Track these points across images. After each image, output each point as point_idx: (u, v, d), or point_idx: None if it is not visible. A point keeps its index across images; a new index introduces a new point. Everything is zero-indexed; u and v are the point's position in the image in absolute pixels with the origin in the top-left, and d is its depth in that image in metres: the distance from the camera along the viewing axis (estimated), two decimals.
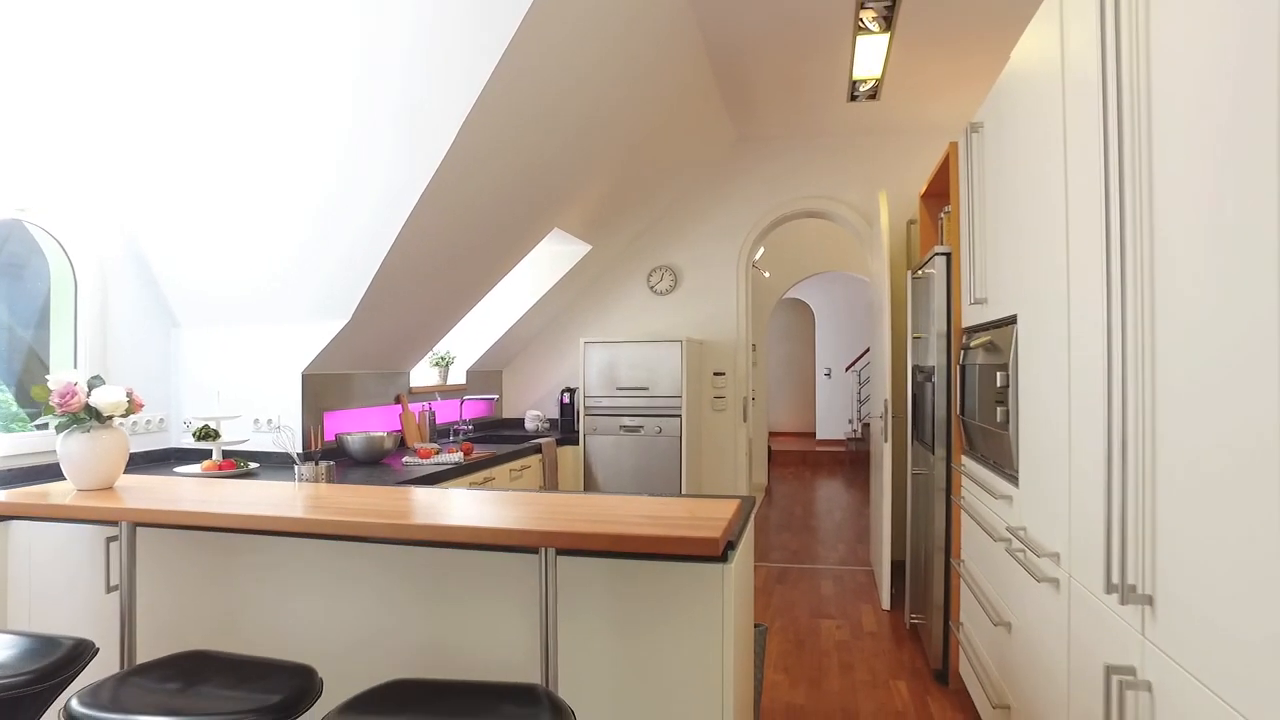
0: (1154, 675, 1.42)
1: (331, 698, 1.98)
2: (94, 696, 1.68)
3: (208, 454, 3.50)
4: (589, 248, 4.98)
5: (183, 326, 3.67)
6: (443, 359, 4.81)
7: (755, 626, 2.99)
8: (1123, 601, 1.50)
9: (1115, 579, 1.49)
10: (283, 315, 3.52)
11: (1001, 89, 2.57)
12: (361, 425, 3.96)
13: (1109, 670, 1.53)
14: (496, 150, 3.14)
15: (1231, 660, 1.17)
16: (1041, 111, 2.11)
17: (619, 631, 2.02)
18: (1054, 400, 2.00)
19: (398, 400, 4.26)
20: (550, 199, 3.93)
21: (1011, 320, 2.44)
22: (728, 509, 2.05)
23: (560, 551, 1.99)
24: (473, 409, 5.21)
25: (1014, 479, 2.40)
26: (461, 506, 2.09)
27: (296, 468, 2.58)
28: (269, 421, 3.60)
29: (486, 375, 5.54)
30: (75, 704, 1.63)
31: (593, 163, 4.00)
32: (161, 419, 3.63)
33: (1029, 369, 2.25)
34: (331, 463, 2.61)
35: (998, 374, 2.56)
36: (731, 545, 1.99)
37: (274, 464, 3.50)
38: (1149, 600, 1.44)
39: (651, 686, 2.00)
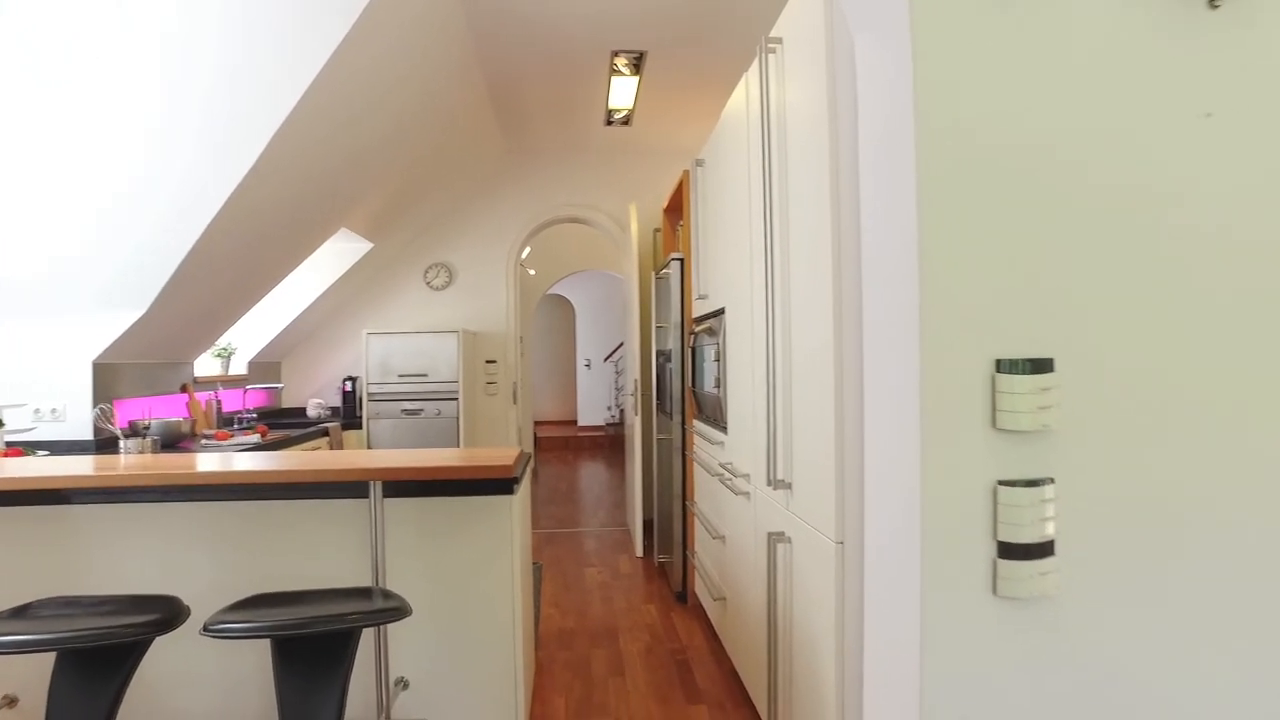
0: (793, 532, 2.25)
1: (197, 621, 2.32)
2: None
3: None
4: (371, 246, 5.34)
5: None
6: (224, 350, 4.94)
7: (534, 565, 3.64)
8: (776, 489, 2.34)
9: (771, 477, 2.31)
10: (68, 305, 3.59)
11: (717, 134, 3.40)
12: (150, 413, 4.07)
13: (770, 536, 2.36)
14: (298, 159, 3.50)
15: (814, 507, 2.00)
16: (737, 154, 2.94)
17: (434, 555, 2.57)
18: (744, 367, 2.85)
19: (184, 389, 4.39)
20: (341, 202, 4.29)
21: (722, 311, 3.28)
22: (513, 453, 2.67)
23: (385, 494, 2.50)
24: (255, 398, 5.36)
25: (724, 428, 3.25)
26: (298, 461, 2.53)
27: (122, 443, 2.81)
28: (53, 411, 3.65)
29: (267, 366, 5.68)
30: None
31: (381, 171, 4.41)
32: None
33: (732, 345, 3.09)
34: (156, 438, 2.87)
35: (714, 352, 3.41)
36: (516, 481, 2.62)
37: (62, 452, 3.57)
38: (789, 487, 2.28)
39: (462, 592, 2.58)
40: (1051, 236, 1.18)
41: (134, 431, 3.49)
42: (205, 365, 4.88)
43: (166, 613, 2.06)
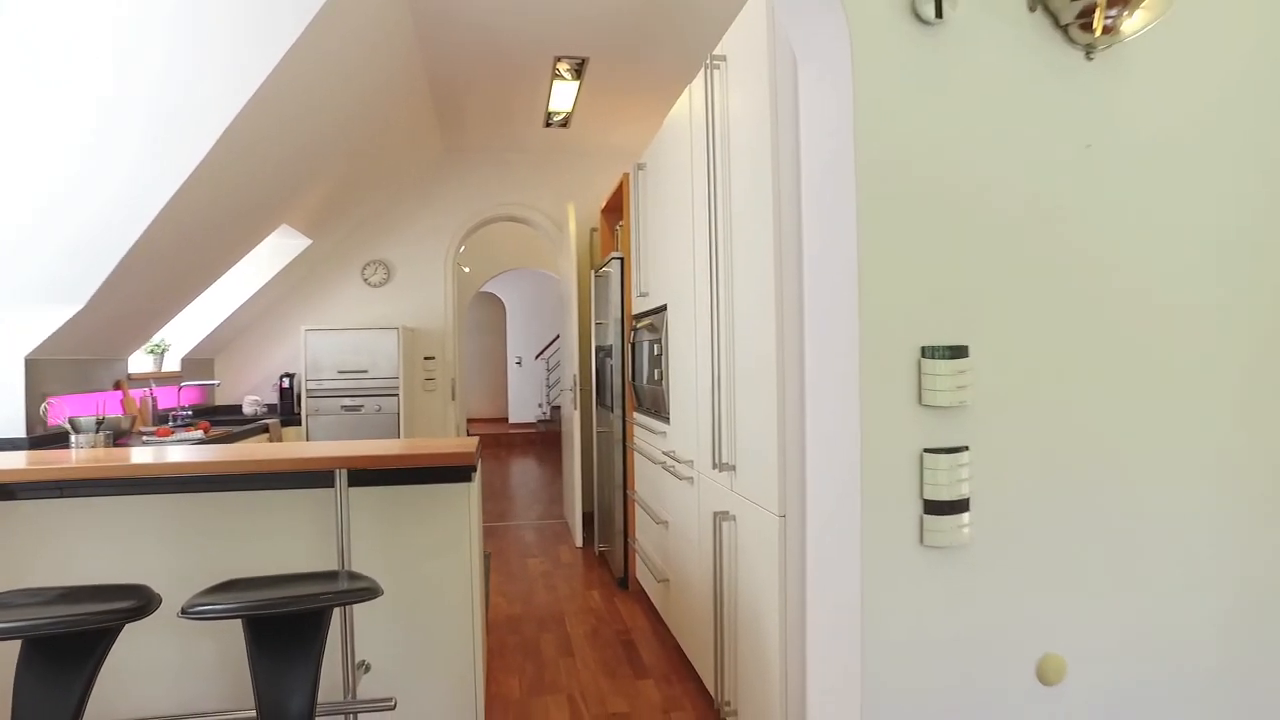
0: (737, 510, 2.46)
1: (165, 611, 2.37)
2: None
3: None
4: (309, 242, 5.33)
5: None
6: (158, 346, 4.88)
7: (484, 553, 3.76)
8: (720, 471, 2.54)
9: (717, 460, 2.51)
10: (1, 299, 3.53)
11: (659, 140, 3.59)
12: (85, 410, 4.02)
13: (715, 515, 2.56)
14: (246, 156, 3.53)
15: (758, 485, 2.21)
16: (680, 160, 3.14)
17: (395, 542, 2.68)
18: (687, 360, 3.04)
19: (118, 386, 4.33)
20: (283, 199, 4.31)
21: (664, 308, 3.47)
22: (472, 443, 2.80)
23: (349, 483, 2.60)
24: (188, 395, 5.29)
25: (667, 419, 3.44)
26: (263, 452, 2.60)
27: (73, 437, 2.81)
28: None
29: (200, 362, 5.60)
30: None
31: (323, 168, 4.44)
32: None
33: (674, 341, 3.28)
34: (109, 432, 2.88)
35: (655, 347, 3.60)
36: (474, 468, 2.75)
37: None
38: (733, 468, 2.48)
39: (422, 577, 2.69)
40: (965, 245, 1.41)
41: (76, 428, 3.45)
42: (138, 362, 4.81)
43: (139, 599, 2.12)
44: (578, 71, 4.47)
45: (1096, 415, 1.47)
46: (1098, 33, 1.35)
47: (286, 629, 2.16)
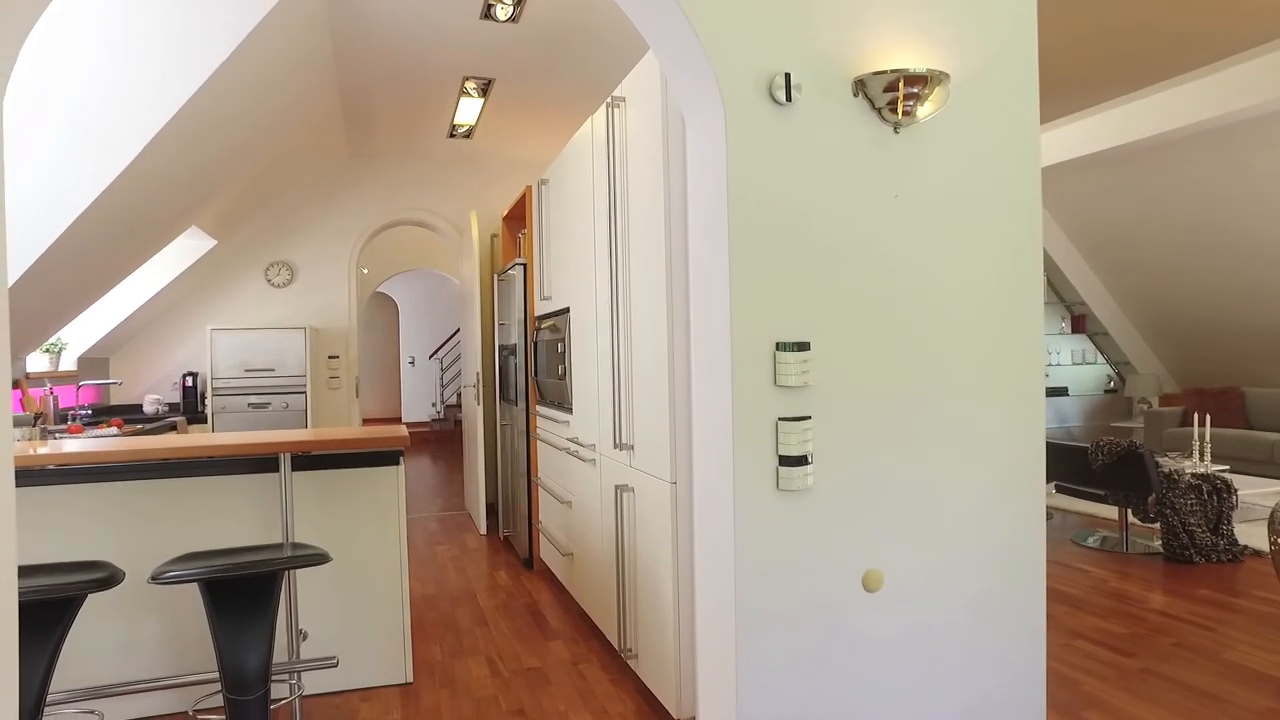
0: (635, 483, 2.90)
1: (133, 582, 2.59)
2: None
3: None
4: (214, 243, 5.43)
5: None
6: (54, 345, 4.88)
7: None
8: (621, 450, 2.97)
9: (618, 441, 2.94)
10: None
11: (562, 160, 3.99)
12: None
13: (617, 488, 2.99)
14: (164, 166, 3.69)
15: (653, 459, 2.66)
16: (582, 182, 3.55)
17: (331, 521, 2.98)
18: (589, 356, 3.46)
19: (16, 385, 4.36)
20: (196, 201, 4.45)
21: (566, 310, 3.88)
22: (403, 429, 3.13)
23: (293, 468, 2.88)
24: (85, 394, 5.29)
25: (570, 409, 3.85)
26: (216, 438, 2.84)
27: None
28: None
29: (96, 362, 5.58)
30: None
31: (237, 172, 4.60)
32: None
33: (576, 340, 3.69)
34: (46, 426, 3.02)
35: (559, 345, 4.00)
36: (402, 453, 3.08)
37: None
38: (632, 447, 2.92)
39: (356, 552, 3.00)
40: (808, 265, 1.89)
41: None
42: (33, 361, 4.81)
43: (105, 571, 2.35)
44: (484, 90, 4.81)
45: (903, 396, 1.99)
46: (900, 115, 1.87)
47: (244, 592, 2.44)
